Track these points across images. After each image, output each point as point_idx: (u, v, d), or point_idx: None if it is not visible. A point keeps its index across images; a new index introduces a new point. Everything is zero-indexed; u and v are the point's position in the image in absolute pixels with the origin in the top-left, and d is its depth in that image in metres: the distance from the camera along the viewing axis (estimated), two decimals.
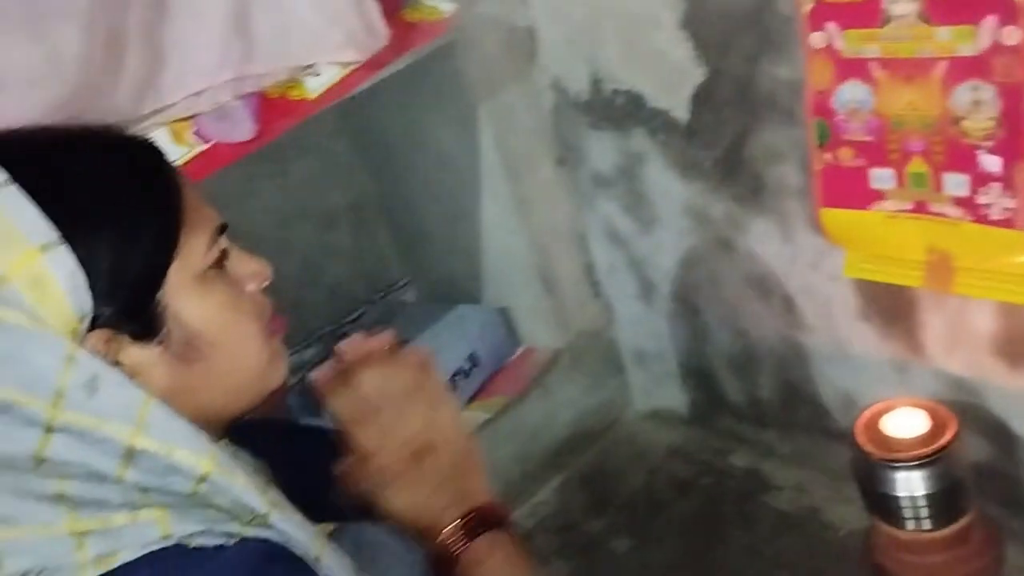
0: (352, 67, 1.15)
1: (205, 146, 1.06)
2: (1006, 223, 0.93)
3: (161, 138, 1.04)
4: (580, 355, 1.53)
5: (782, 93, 1.08)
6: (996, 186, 0.92)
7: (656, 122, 1.25)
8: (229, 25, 1.08)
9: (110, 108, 1.03)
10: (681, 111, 1.21)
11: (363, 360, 0.75)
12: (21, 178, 0.60)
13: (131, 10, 1.02)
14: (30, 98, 0.96)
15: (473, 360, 1.48)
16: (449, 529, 0.71)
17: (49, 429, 0.58)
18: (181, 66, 1.07)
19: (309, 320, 1.66)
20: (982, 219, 0.95)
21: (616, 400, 1.59)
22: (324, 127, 1.63)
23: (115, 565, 0.59)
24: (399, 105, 1.45)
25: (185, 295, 0.65)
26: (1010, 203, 0.92)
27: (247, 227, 1.57)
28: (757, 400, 1.39)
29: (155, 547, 0.60)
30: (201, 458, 0.61)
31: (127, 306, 0.62)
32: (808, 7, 0.99)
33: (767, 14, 1.04)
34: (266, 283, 0.74)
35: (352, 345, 0.77)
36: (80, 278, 0.60)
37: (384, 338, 0.78)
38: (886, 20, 0.93)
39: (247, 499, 0.62)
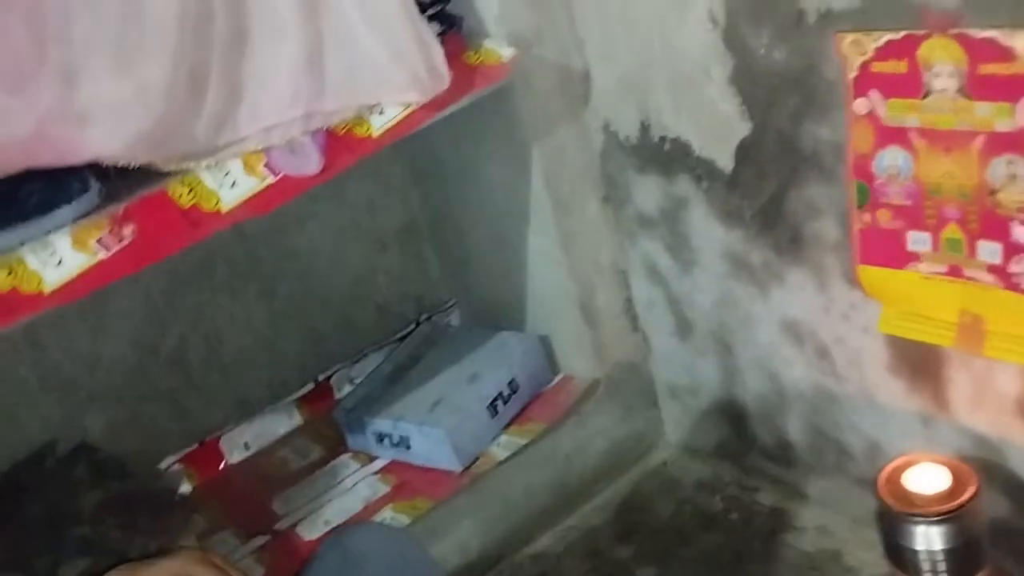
0: (415, 106, 1.22)
1: (274, 179, 1.13)
2: None
3: (234, 169, 1.12)
4: (616, 386, 1.58)
5: (824, 152, 1.13)
6: None
7: (700, 170, 1.30)
8: (303, 63, 1.15)
9: (190, 139, 1.10)
10: (725, 161, 1.26)
11: None
12: None
13: (214, 47, 1.10)
14: (118, 130, 1.04)
15: (513, 386, 1.54)
16: None
17: None
18: (256, 101, 1.14)
19: (358, 336, 1.74)
20: (1013, 287, 0.99)
21: (650, 432, 1.64)
22: (381, 153, 1.69)
23: None
24: (454, 137, 1.51)
25: None
26: None
27: (306, 244, 1.67)
28: (786, 442, 1.43)
29: None
30: None
31: None
32: (853, 75, 1.04)
33: (813, 77, 1.09)
34: None
35: None
36: None
37: None
38: (927, 92, 0.98)
39: None
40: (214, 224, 1.11)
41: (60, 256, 1.02)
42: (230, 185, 1.12)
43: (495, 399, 1.50)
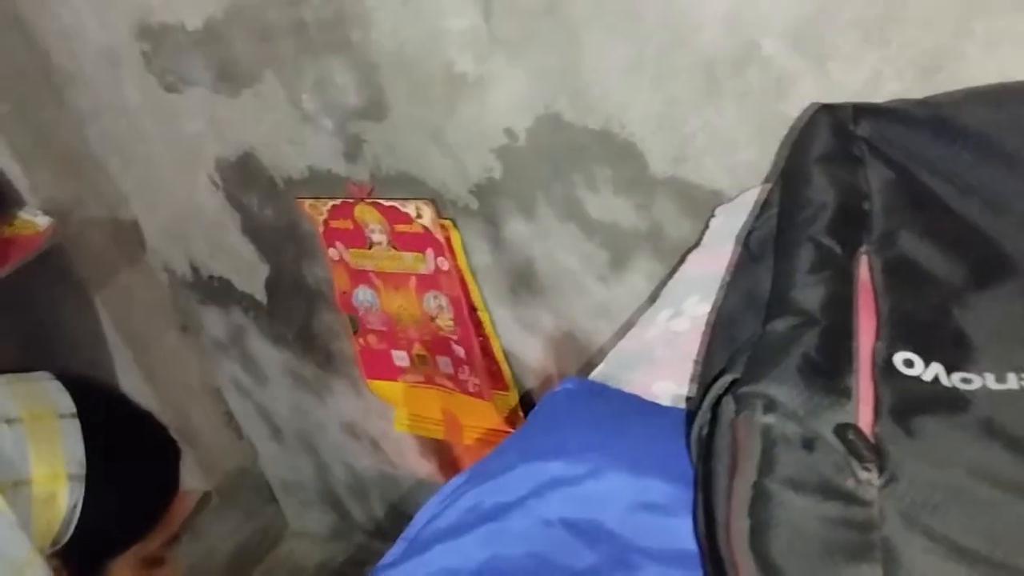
0: None
1: None
2: (479, 395, 1.19)
3: None
4: (231, 492, 1.70)
5: (325, 288, 1.31)
6: (466, 367, 1.19)
7: (245, 303, 1.45)
8: None
9: None
10: (261, 295, 1.42)
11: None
12: None
13: None
14: None
15: None
16: None
17: None
18: None
19: None
20: (465, 391, 1.21)
21: (274, 525, 1.77)
22: None
23: None
24: (38, 293, 1.57)
25: None
26: (477, 380, 1.18)
27: None
28: (376, 519, 1.61)
29: None
30: None
31: None
32: (320, 229, 1.22)
33: (298, 230, 1.27)
34: None
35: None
36: None
37: None
38: (371, 244, 1.18)
39: None
40: None
41: None
42: None
43: None
